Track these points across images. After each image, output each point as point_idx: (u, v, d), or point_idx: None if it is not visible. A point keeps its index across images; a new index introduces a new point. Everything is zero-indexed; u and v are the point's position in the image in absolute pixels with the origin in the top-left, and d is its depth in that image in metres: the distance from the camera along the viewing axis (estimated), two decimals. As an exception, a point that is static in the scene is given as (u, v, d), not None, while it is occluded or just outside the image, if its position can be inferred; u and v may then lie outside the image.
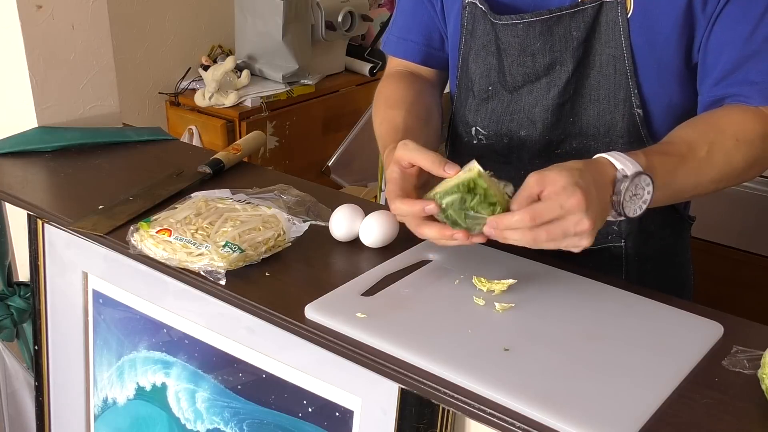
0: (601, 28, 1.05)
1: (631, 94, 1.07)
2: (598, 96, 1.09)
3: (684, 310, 0.92)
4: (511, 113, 1.14)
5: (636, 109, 1.08)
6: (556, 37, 1.07)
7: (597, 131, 1.10)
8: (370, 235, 1.05)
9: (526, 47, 1.09)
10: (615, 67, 1.06)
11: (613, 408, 0.76)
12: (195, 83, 2.89)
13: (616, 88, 1.07)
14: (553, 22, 1.06)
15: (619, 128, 1.09)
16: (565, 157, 1.11)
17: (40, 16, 1.37)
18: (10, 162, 1.35)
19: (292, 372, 0.99)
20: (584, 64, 1.08)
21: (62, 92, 1.44)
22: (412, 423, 0.88)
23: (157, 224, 1.04)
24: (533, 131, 1.13)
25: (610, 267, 1.15)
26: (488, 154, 1.18)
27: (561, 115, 1.11)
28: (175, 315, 1.11)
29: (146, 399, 1.19)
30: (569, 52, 1.07)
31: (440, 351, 0.84)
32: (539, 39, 1.07)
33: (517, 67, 1.11)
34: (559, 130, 1.12)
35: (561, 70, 1.08)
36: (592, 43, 1.07)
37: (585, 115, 1.10)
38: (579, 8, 1.05)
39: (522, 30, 1.08)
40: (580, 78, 1.09)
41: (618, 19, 1.04)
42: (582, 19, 1.05)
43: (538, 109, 1.11)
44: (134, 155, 1.40)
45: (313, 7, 2.90)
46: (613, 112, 1.09)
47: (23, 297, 1.41)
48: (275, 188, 1.16)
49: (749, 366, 0.82)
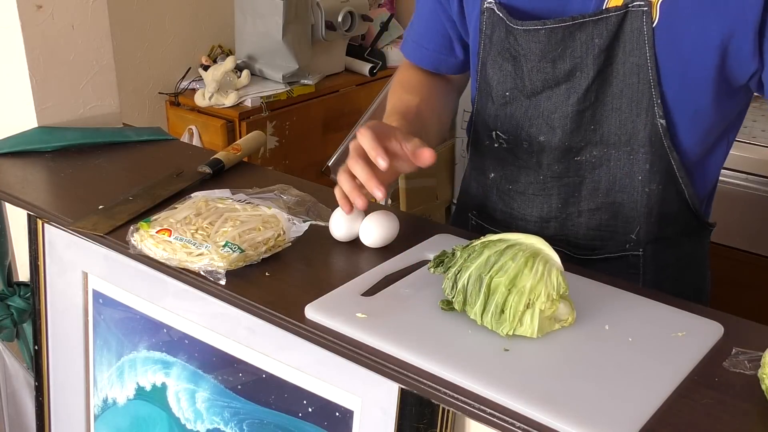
0: (625, 37, 1.03)
1: (654, 103, 1.05)
2: (620, 105, 1.07)
3: (684, 310, 0.92)
4: (530, 118, 1.13)
5: (659, 119, 1.06)
6: (577, 43, 1.05)
7: (618, 140, 1.09)
8: (370, 235, 1.05)
9: (547, 53, 1.07)
10: (639, 76, 1.04)
11: (613, 408, 0.76)
12: (195, 83, 2.90)
13: (639, 97, 1.06)
14: (575, 28, 1.05)
15: (640, 137, 1.08)
16: (585, 165, 1.12)
17: (40, 16, 1.37)
18: (10, 162, 1.35)
19: (292, 372, 0.99)
20: (606, 72, 1.06)
21: (62, 92, 1.44)
22: (412, 423, 0.88)
23: (157, 224, 1.04)
24: (552, 137, 1.12)
25: (627, 274, 1.14)
26: (509, 157, 1.18)
27: (581, 122, 1.10)
28: (175, 315, 1.11)
29: (146, 399, 1.19)
30: (590, 59, 1.06)
31: (440, 351, 0.84)
32: (560, 45, 1.06)
33: (537, 73, 1.10)
34: (579, 137, 1.11)
35: (581, 77, 1.07)
36: (616, 51, 1.05)
37: (606, 123, 1.09)
38: (603, 16, 1.03)
39: (544, 36, 1.06)
40: (601, 85, 1.07)
41: (643, 28, 1.02)
42: (605, 27, 1.04)
43: (557, 115, 1.10)
44: (134, 155, 1.40)
45: (313, 7, 2.90)
46: (635, 121, 1.07)
47: (23, 297, 1.41)
48: (275, 188, 1.16)
49: (750, 366, 0.82)
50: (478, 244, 0.90)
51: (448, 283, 0.90)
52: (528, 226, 1.18)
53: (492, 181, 1.22)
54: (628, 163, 1.10)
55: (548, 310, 0.85)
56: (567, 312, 0.87)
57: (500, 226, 1.21)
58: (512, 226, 1.20)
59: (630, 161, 1.10)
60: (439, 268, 0.93)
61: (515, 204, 1.19)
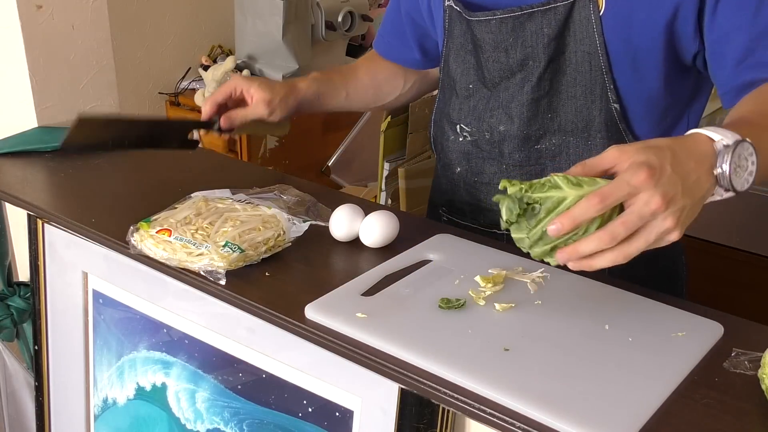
0: (574, 26, 1.08)
1: (608, 89, 1.09)
2: (575, 93, 1.11)
3: (684, 310, 0.92)
4: (491, 109, 1.17)
5: (613, 104, 1.10)
6: (528, 33, 1.10)
7: (575, 126, 1.12)
8: (370, 235, 1.06)
9: (500, 43, 1.12)
10: (590, 63, 1.08)
11: (613, 408, 0.76)
12: (195, 83, 2.90)
13: (592, 84, 1.09)
14: (525, 18, 1.09)
15: (596, 123, 1.11)
16: (544, 152, 1.16)
17: (40, 16, 1.37)
18: (10, 162, 1.35)
19: (292, 372, 0.99)
20: (559, 61, 1.10)
21: (62, 92, 1.44)
22: (412, 423, 0.88)
23: (157, 224, 1.04)
24: (511, 126, 1.15)
25: None
26: (473, 150, 1.22)
27: (537, 110, 1.13)
28: (175, 315, 1.11)
29: (146, 399, 1.19)
30: (541, 48, 1.10)
31: (440, 351, 0.84)
32: (511, 35, 1.11)
33: (493, 63, 1.14)
34: (536, 126, 1.14)
35: (534, 66, 1.11)
36: (566, 40, 1.09)
37: (563, 111, 1.12)
38: (551, 6, 1.08)
39: (495, 26, 1.11)
40: (555, 74, 1.11)
41: (591, 16, 1.06)
42: (554, 17, 1.08)
43: (514, 104, 1.14)
44: (134, 155, 1.40)
45: (313, 7, 2.90)
46: (590, 107, 1.11)
47: (23, 297, 1.41)
48: (275, 188, 1.17)
49: (750, 367, 0.82)
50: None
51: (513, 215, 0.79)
52: (495, 217, 1.18)
53: (458, 175, 1.25)
54: (586, 149, 1.13)
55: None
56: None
57: (469, 219, 1.26)
58: (481, 218, 1.24)
59: (588, 146, 1.13)
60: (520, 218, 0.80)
61: (481, 195, 1.23)
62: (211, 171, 1.36)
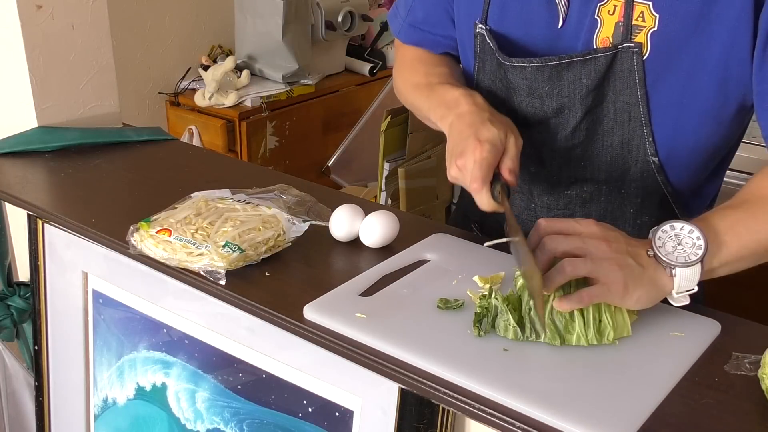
0: (615, 76, 1.02)
1: (646, 141, 1.04)
2: (611, 142, 1.06)
3: (683, 309, 0.92)
4: (523, 147, 1.11)
5: (651, 157, 1.05)
6: (565, 82, 1.04)
7: (609, 176, 1.08)
8: (370, 235, 1.05)
9: (534, 90, 1.06)
10: (629, 114, 1.03)
11: (613, 408, 0.76)
12: (195, 83, 2.90)
13: (630, 135, 1.04)
14: (562, 67, 1.03)
15: (632, 173, 1.07)
16: (575, 198, 1.11)
17: (40, 16, 1.37)
18: (10, 162, 1.35)
19: (292, 372, 0.99)
20: (596, 111, 1.05)
21: (62, 92, 1.44)
22: (412, 423, 0.88)
23: (157, 224, 1.04)
24: (541, 170, 1.12)
25: None
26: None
27: (570, 158, 1.09)
28: (175, 315, 1.11)
29: (146, 399, 1.19)
30: (578, 99, 1.04)
31: (440, 351, 0.84)
32: (547, 83, 1.05)
33: (527, 107, 1.09)
34: (568, 173, 1.10)
35: (570, 115, 1.06)
36: (605, 90, 1.03)
37: (597, 160, 1.08)
38: (591, 56, 1.01)
39: (530, 73, 1.05)
40: (592, 124, 1.06)
41: (633, 68, 1.00)
42: (593, 67, 1.02)
43: (546, 150, 1.10)
44: (134, 155, 1.40)
45: (313, 7, 2.90)
46: (626, 158, 1.06)
47: (23, 297, 1.41)
48: (275, 188, 1.16)
49: (750, 368, 0.82)
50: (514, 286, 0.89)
51: (511, 330, 0.86)
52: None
53: None
54: (619, 197, 1.10)
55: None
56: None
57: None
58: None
59: (621, 196, 1.09)
60: (483, 322, 0.87)
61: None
62: (211, 171, 1.36)
